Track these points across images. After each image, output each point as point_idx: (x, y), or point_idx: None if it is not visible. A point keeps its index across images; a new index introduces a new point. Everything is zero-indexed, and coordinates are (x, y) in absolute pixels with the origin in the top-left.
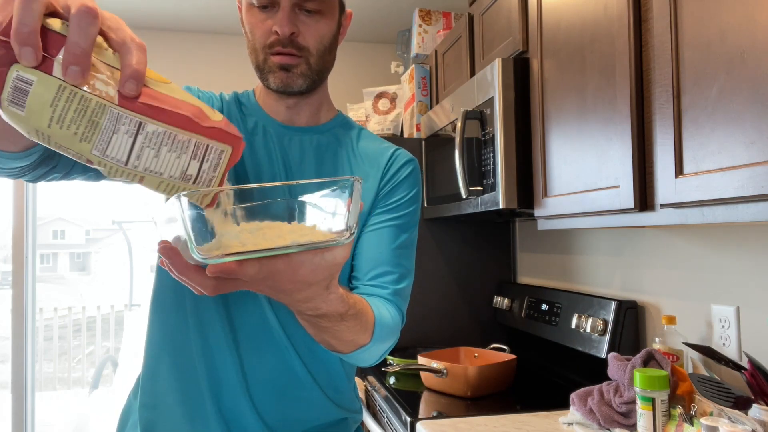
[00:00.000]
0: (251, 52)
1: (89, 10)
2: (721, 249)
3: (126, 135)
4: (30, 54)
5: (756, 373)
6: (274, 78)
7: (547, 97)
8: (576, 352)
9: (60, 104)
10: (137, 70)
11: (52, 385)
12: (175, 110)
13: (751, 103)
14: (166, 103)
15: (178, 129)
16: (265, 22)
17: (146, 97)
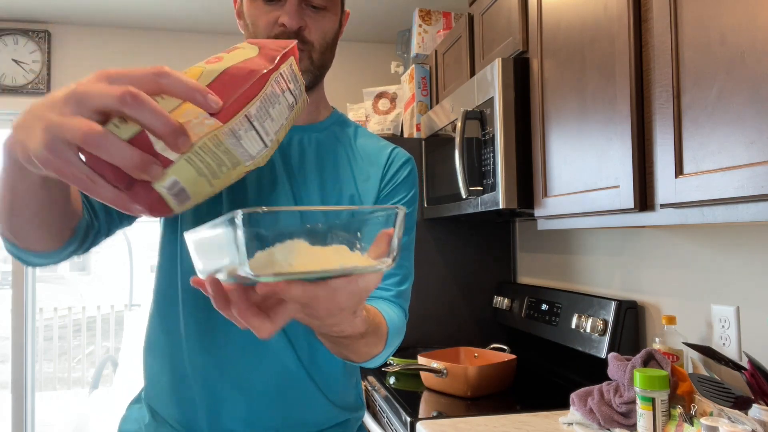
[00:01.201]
0: None
1: (133, 96)
2: (721, 249)
3: (248, 132)
4: (153, 171)
5: (756, 373)
6: None
7: (547, 97)
8: (576, 352)
9: (203, 168)
10: (198, 89)
11: (52, 385)
12: (246, 82)
13: (751, 103)
14: (235, 86)
15: (262, 90)
16: (270, 13)
17: (223, 96)
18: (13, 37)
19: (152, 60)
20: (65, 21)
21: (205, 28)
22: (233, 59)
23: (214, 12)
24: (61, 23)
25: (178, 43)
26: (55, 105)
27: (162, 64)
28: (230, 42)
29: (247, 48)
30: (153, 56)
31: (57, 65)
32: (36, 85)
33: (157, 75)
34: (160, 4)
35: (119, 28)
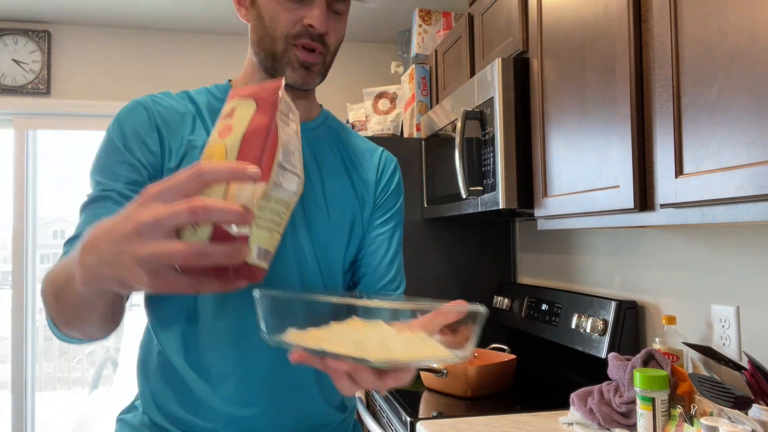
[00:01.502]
0: (264, 39)
1: (201, 207)
2: (721, 249)
3: (285, 175)
4: (243, 253)
5: (756, 373)
6: (293, 74)
7: (547, 97)
8: (576, 352)
9: (269, 224)
10: (236, 169)
11: (52, 385)
12: (265, 139)
13: (751, 103)
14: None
15: (278, 137)
16: (294, 12)
17: (253, 160)
18: (13, 37)
19: (152, 60)
20: (65, 21)
21: (205, 28)
22: (241, 123)
23: (214, 12)
24: (61, 23)
25: (178, 43)
26: (128, 237)
27: (162, 64)
28: (230, 42)
29: (243, 104)
30: (153, 56)
31: (57, 65)
32: (36, 85)
33: (197, 175)
34: (160, 4)
35: (119, 28)
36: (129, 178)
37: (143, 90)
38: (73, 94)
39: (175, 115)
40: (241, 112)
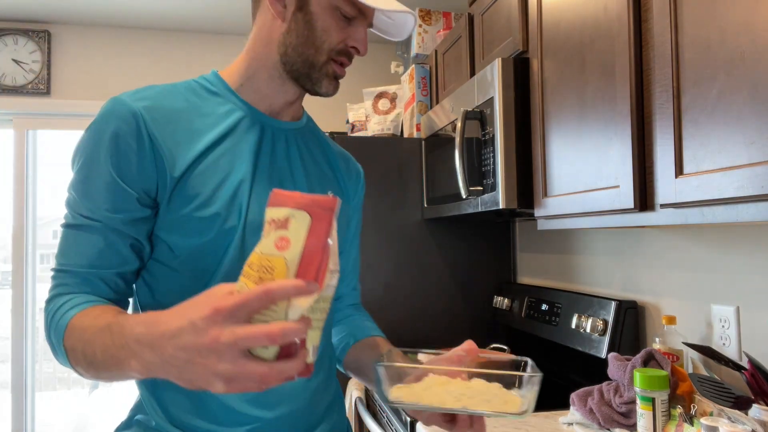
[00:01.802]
0: (307, 46)
1: (282, 332)
2: (721, 249)
3: (332, 276)
4: (307, 359)
5: (756, 373)
6: (328, 84)
7: (547, 97)
8: (576, 352)
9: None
10: (299, 287)
11: (52, 385)
12: (321, 254)
13: (751, 103)
14: (314, 260)
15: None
16: (344, 30)
17: (311, 272)
18: (13, 37)
19: (152, 60)
20: (65, 21)
21: (206, 28)
22: (298, 237)
23: (214, 12)
24: (61, 23)
25: (178, 43)
26: (203, 353)
27: (162, 64)
28: (230, 42)
29: (298, 216)
30: (153, 56)
31: (57, 65)
32: (36, 85)
33: (265, 294)
34: (160, 4)
35: (119, 28)
36: (117, 205)
37: None
38: (73, 94)
39: (170, 115)
40: (297, 225)
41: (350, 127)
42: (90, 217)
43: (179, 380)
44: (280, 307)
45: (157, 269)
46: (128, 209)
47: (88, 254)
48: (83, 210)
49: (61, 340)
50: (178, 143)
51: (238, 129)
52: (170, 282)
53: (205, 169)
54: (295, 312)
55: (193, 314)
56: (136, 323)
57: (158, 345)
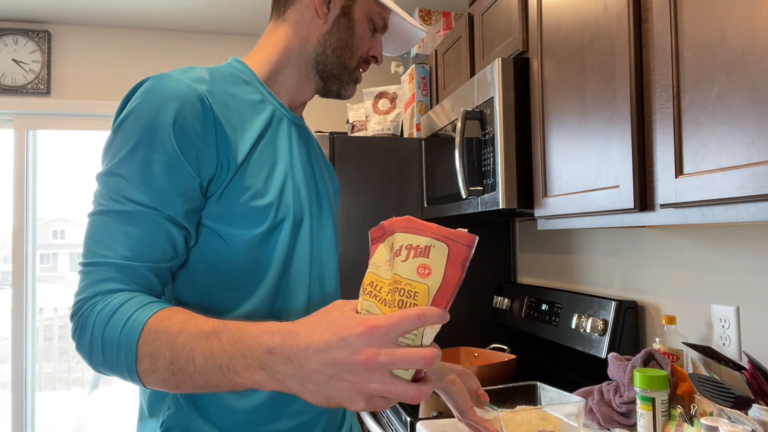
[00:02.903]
0: (346, 50)
1: (433, 358)
2: (721, 249)
3: None
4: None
5: (756, 373)
6: (352, 88)
7: (547, 97)
8: (576, 352)
9: None
10: (440, 315)
11: (52, 385)
12: (454, 287)
13: (751, 103)
14: (448, 291)
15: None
16: (369, 41)
17: (444, 301)
18: (13, 37)
19: (152, 60)
20: (65, 21)
21: (206, 28)
22: (439, 267)
23: (214, 12)
24: (61, 23)
25: (178, 43)
26: (355, 371)
27: (162, 64)
28: (230, 42)
29: (438, 246)
30: (153, 56)
31: (57, 65)
32: (36, 85)
33: (419, 318)
34: (160, 4)
35: (119, 28)
36: (181, 192)
37: None
38: (73, 94)
39: (227, 100)
40: (437, 255)
41: (350, 127)
42: (142, 202)
43: (315, 395)
44: (418, 332)
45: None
46: (191, 197)
47: (138, 244)
48: (133, 194)
49: (134, 346)
50: (235, 130)
51: (274, 120)
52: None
53: (257, 158)
54: (429, 337)
55: (343, 331)
56: (264, 333)
57: (300, 358)
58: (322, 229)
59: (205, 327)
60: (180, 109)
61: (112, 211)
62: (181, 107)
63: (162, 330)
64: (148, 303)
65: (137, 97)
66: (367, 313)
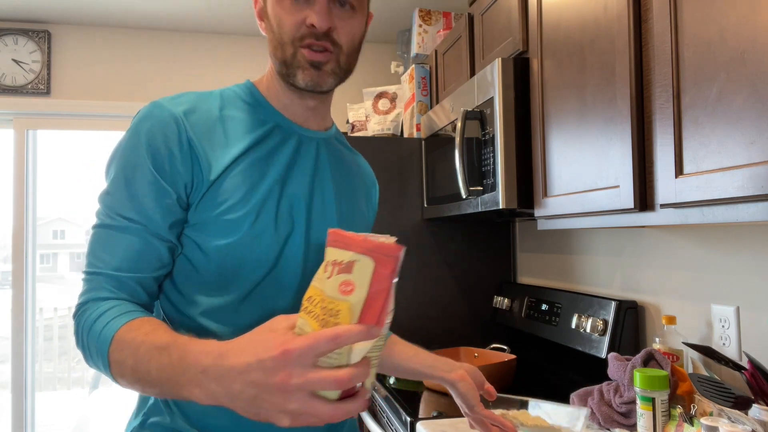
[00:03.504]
0: (276, 47)
1: (349, 379)
2: (721, 249)
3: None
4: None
5: (756, 373)
6: (304, 75)
7: (547, 97)
8: (576, 352)
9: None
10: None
11: (52, 385)
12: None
13: (751, 103)
14: (377, 304)
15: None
16: (298, 13)
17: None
18: (13, 37)
19: (152, 60)
20: (65, 21)
21: (206, 28)
22: (363, 283)
23: (215, 12)
24: (61, 23)
25: (178, 43)
26: (272, 392)
27: (162, 64)
28: (231, 42)
29: (363, 261)
30: (153, 56)
31: (57, 65)
32: (36, 85)
33: (333, 340)
34: (160, 4)
35: (119, 28)
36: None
37: (143, 90)
38: (73, 94)
39: (207, 120)
40: (361, 269)
41: (350, 127)
42: (130, 218)
43: (245, 413)
44: (344, 350)
45: (183, 267)
46: (170, 211)
47: (126, 256)
48: (123, 210)
49: (105, 352)
50: (213, 148)
51: (270, 137)
52: (195, 280)
53: (238, 174)
54: (358, 354)
55: (261, 352)
56: (200, 352)
57: (226, 379)
58: (323, 236)
59: (159, 341)
60: (156, 131)
61: (106, 226)
62: (157, 129)
63: (128, 340)
64: (126, 312)
65: (132, 124)
66: (301, 330)
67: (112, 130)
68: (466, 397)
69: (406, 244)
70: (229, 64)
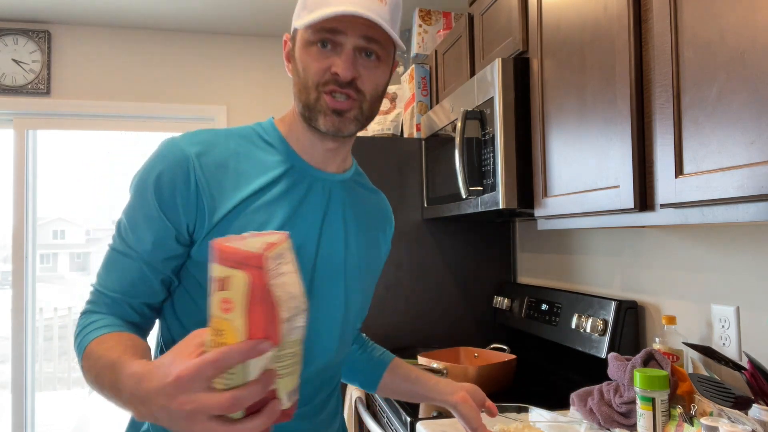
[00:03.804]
0: (301, 90)
1: (234, 403)
2: (721, 249)
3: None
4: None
5: (756, 373)
6: (325, 121)
7: (547, 97)
8: (576, 352)
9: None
10: (248, 349)
11: (52, 385)
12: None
13: (751, 103)
14: (261, 313)
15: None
16: (324, 60)
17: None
18: (13, 37)
19: (152, 60)
20: (65, 21)
21: (206, 28)
22: (239, 297)
23: (215, 12)
24: (61, 23)
25: (178, 43)
26: (175, 417)
27: (162, 64)
28: (230, 42)
29: (236, 275)
30: (153, 56)
31: (57, 65)
32: (36, 85)
33: (214, 364)
34: (160, 4)
35: (119, 28)
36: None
37: (143, 90)
38: (73, 94)
39: (220, 161)
40: (236, 284)
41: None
42: (131, 247)
43: (171, 428)
44: (237, 369)
45: (184, 299)
46: (167, 248)
47: (122, 281)
48: (127, 239)
49: (81, 358)
50: (221, 190)
51: (282, 180)
52: (194, 313)
53: (243, 217)
54: (254, 371)
55: (163, 378)
56: (128, 376)
57: (147, 402)
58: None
59: (109, 359)
60: (162, 171)
61: (113, 249)
62: (162, 170)
63: (94, 353)
64: (105, 326)
65: (149, 157)
66: (207, 347)
67: (112, 130)
68: (467, 419)
69: (406, 244)
70: (230, 64)
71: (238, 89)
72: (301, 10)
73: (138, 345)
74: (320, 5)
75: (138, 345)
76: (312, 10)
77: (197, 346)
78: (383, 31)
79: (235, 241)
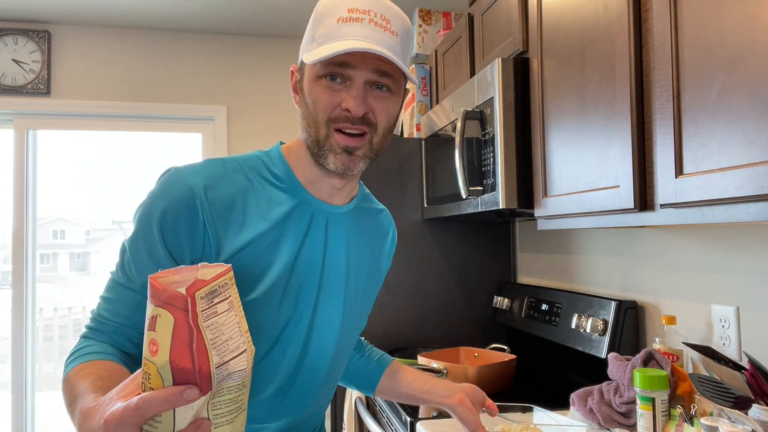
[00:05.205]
0: (310, 124)
1: None
2: (721, 249)
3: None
4: None
5: (756, 373)
6: (335, 159)
7: (547, 97)
8: (576, 352)
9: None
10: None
11: (52, 385)
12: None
13: (751, 103)
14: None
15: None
16: (334, 95)
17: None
18: (13, 37)
19: (152, 60)
20: (65, 21)
21: (206, 28)
22: (165, 340)
23: (215, 12)
24: (61, 23)
25: (178, 43)
26: None
27: (162, 64)
28: (231, 42)
29: (163, 314)
30: (153, 56)
31: (57, 65)
32: (36, 85)
33: (135, 411)
34: (160, 4)
35: (119, 28)
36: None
37: (143, 90)
38: (73, 94)
39: (227, 198)
40: (162, 324)
41: None
42: (131, 278)
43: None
44: (164, 416)
45: None
46: None
47: (121, 312)
48: (129, 272)
49: (62, 383)
50: (228, 229)
51: (289, 219)
52: None
53: (248, 259)
54: (184, 418)
55: (99, 419)
56: (80, 411)
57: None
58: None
59: (78, 390)
60: (167, 208)
61: (115, 276)
62: (167, 206)
63: (72, 380)
64: (90, 353)
65: (154, 186)
66: (142, 388)
67: (112, 130)
68: (466, 422)
69: (406, 244)
70: (230, 64)
71: (238, 89)
72: (309, 42)
73: (113, 376)
74: (329, 38)
75: (113, 376)
76: (321, 43)
77: (137, 386)
78: (395, 65)
79: (173, 275)
